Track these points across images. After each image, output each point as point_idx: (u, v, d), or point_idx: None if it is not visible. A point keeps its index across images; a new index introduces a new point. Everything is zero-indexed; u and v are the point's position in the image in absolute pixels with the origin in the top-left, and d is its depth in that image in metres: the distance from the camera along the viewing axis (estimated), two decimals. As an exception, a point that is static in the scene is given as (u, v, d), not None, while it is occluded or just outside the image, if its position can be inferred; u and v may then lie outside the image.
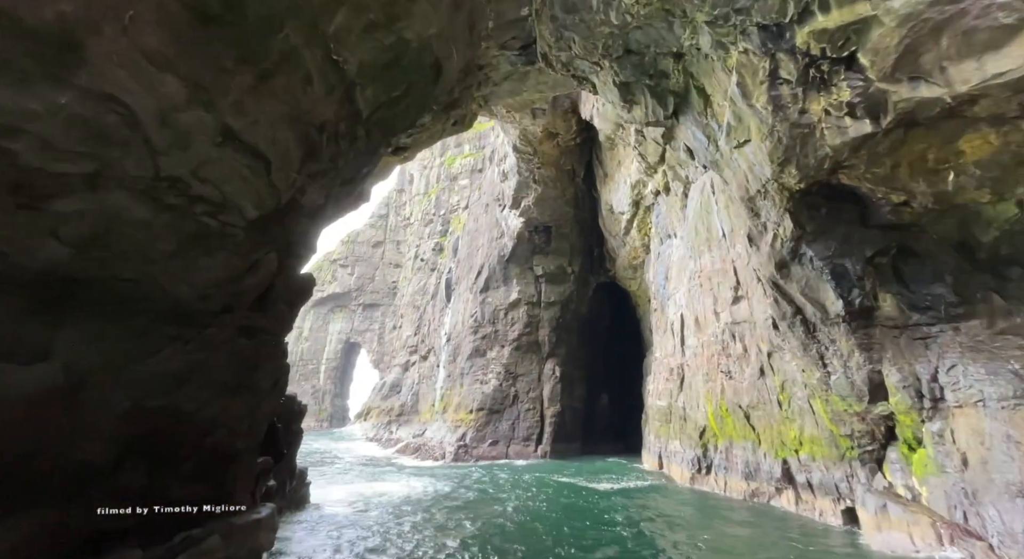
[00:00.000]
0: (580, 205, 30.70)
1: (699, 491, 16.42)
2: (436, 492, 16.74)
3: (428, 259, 57.99)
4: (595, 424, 31.01)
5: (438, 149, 65.24)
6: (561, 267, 31.84)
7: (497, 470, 22.77)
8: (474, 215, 37.97)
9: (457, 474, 21.69)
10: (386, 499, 15.40)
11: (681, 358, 18.74)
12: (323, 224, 10.97)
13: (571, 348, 31.55)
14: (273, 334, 7.62)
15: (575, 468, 23.71)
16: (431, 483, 18.68)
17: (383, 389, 51.69)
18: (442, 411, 35.71)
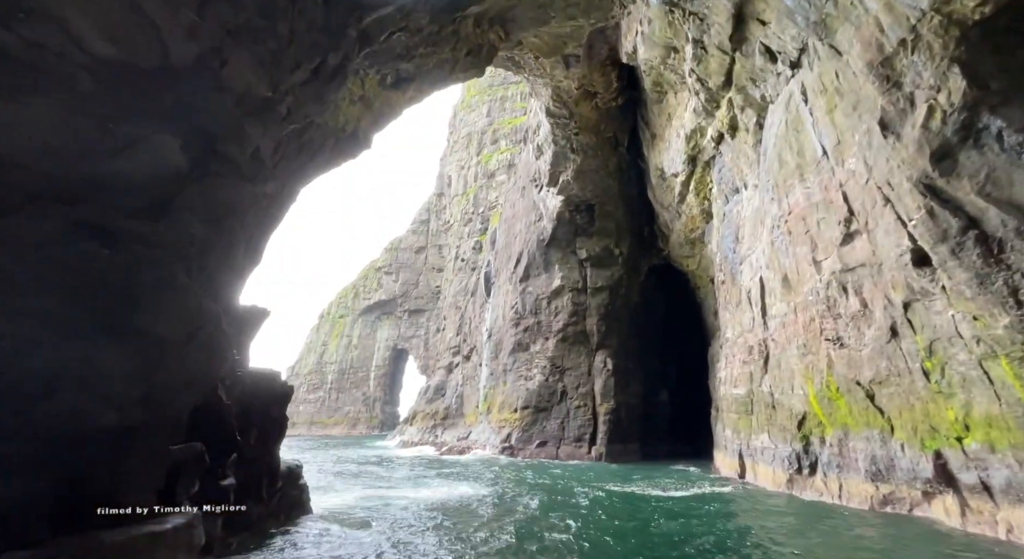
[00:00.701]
0: (625, 178, 27.28)
1: (801, 499, 12.62)
2: (468, 500, 13.83)
3: (468, 259, 55.91)
4: (654, 423, 27.13)
5: (475, 148, 63.51)
6: (607, 249, 28.47)
7: (546, 471, 19.63)
8: (510, 201, 35.27)
9: (500, 476, 18.71)
10: (407, 511, 12.66)
11: (763, 332, 15.01)
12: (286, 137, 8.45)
13: (623, 338, 27.98)
14: (169, 252, 5.01)
15: (637, 473, 20.14)
16: (468, 488, 15.80)
17: (428, 393, 49.61)
18: (486, 412, 32.92)
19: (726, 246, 18.18)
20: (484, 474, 19.42)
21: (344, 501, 13.50)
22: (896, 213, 8.73)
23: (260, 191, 8.05)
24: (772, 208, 13.22)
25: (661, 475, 19.04)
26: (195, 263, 5.26)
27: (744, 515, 11.85)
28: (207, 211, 5.41)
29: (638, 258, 28.91)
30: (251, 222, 8.13)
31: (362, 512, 11.71)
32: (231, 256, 6.76)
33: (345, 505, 12.83)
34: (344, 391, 78.99)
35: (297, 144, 9.45)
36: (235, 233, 6.30)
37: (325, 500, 13.34)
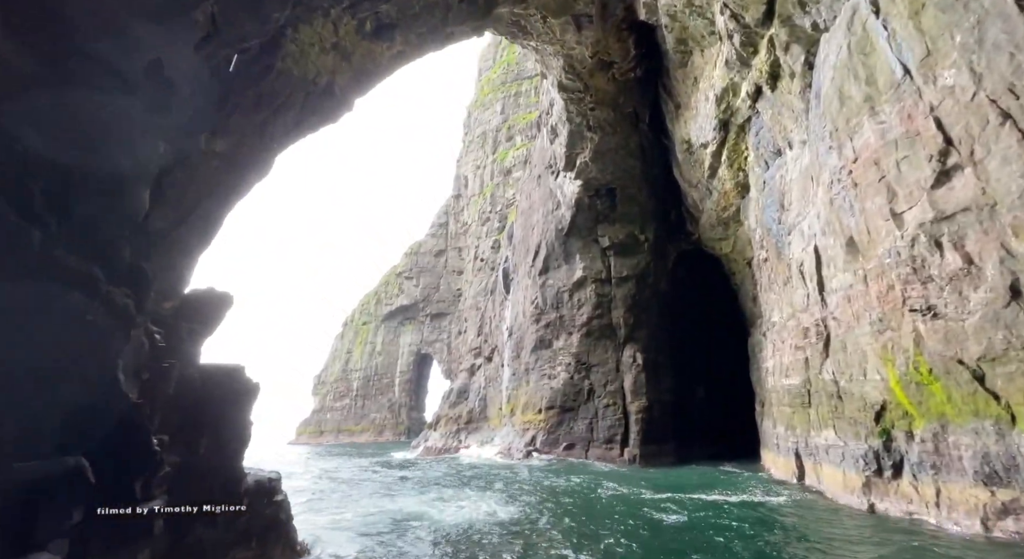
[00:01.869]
0: (648, 158, 25.12)
1: (886, 512, 10.30)
2: (494, 523, 11.97)
3: (487, 258, 54.29)
4: (691, 422, 24.71)
5: (490, 146, 62.08)
6: (632, 235, 26.31)
7: (576, 476, 17.58)
8: (525, 191, 33.44)
9: (527, 485, 16.75)
10: (421, 542, 10.87)
11: (820, 311, 12.72)
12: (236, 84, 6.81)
13: (652, 331, 25.72)
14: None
15: (676, 477, 17.92)
16: (493, 504, 13.91)
17: (450, 396, 47.98)
18: (509, 414, 31.02)
19: (768, 218, 15.90)
20: (509, 484, 17.51)
21: (343, 520, 11.78)
22: (1020, 131, 6.54)
23: (195, 146, 6.42)
24: (830, 159, 11.00)
25: (706, 480, 16.76)
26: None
27: (827, 535, 9.64)
28: (65, 127, 3.77)
29: (665, 244, 26.66)
30: (188, 182, 6.51)
31: (360, 542, 9.93)
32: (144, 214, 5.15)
33: (342, 527, 11.10)
34: (370, 398, 78.24)
35: (254, 94, 7.83)
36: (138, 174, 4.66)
37: (319, 519, 11.66)
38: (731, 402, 24.50)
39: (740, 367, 23.91)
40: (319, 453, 52.26)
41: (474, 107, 68.78)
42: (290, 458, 45.98)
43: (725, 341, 25.33)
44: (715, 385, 25.87)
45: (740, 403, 23.62)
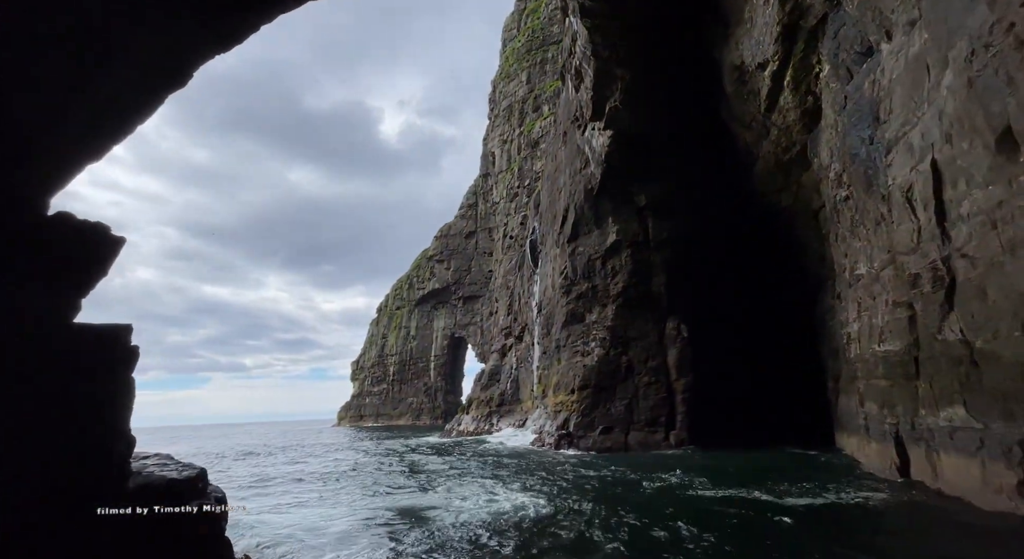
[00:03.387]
0: (689, 98, 21.49)
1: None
2: (520, 528, 9.45)
3: (516, 235, 51.53)
4: (744, 400, 21.35)
5: (516, 119, 58.81)
6: (672, 192, 22.88)
7: (614, 467, 14.83)
8: (551, 153, 30.34)
9: (555, 474, 14.16)
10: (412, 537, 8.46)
11: (939, 248, 9.31)
12: None
13: (699, 299, 22.39)
14: None
15: (735, 466, 14.86)
16: (523, 497, 11.39)
17: (482, 379, 45.96)
18: (541, 395, 28.49)
19: (853, 142, 12.33)
20: (525, 473, 14.95)
21: (331, 523, 9.49)
22: None
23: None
24: (971, 19, 7.56)
25: (774, 470, 13.61)
26: None
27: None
28: None
29: (711, 200, 23.06)
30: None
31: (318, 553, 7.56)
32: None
33: (324, 534, 8.79)
34: (406, 382, 77.78)
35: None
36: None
37: (301, 515, 9.46)
38: (791, 378, 20.97)
39: (802, 339, 20.36)
40: (354, 436, 51.55)
41: (499, 80, 65.48)
42: (327, 440, 45.14)
43: (782, 310, 21.71)
44: (771, 359, 22.30)
45: (802, 379, 20.12)
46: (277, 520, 9.67)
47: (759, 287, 22.96)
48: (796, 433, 19.52)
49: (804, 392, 20.05)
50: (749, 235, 22.98)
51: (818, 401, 19.26)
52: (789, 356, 21.03)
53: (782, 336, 21.61)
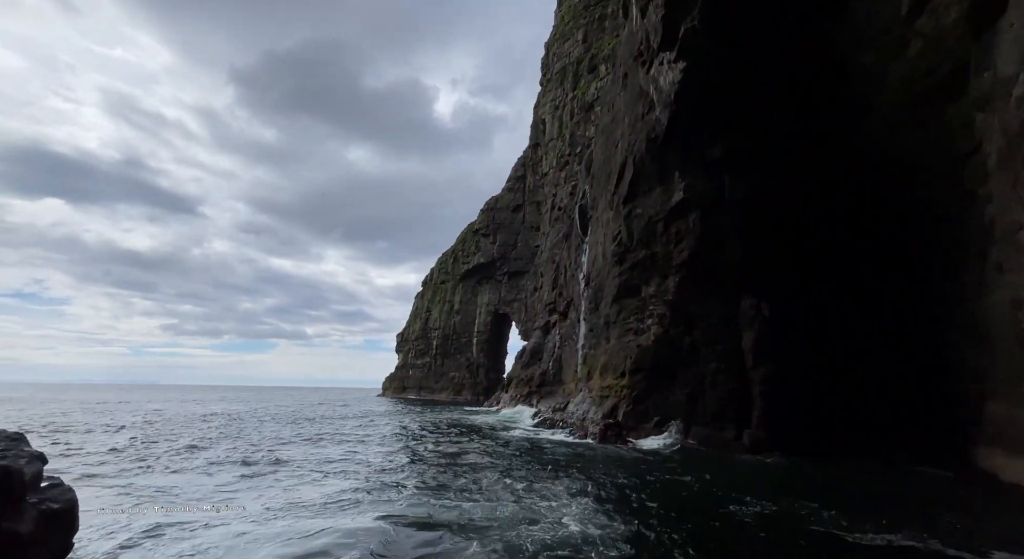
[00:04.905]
0: (787, 15, 16.97)
1: None
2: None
3: (565, 206, 47.84)
4: (840, 398, 17.22)
5: (570, 82, 54.29)
6: (754, 141, 18.56)
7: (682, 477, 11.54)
8: (607, 103, 26.38)
9: (595, 478, 11.12)
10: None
11: None
12: None
13: (784, 273, 18.22)
14: None
15: (852, 488, 11.15)
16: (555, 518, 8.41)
17: (523, 357, 43.30)
18: (585, 377, 25.34)
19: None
20: (540, 478, 11.94)
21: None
22: None
23: None
24: None
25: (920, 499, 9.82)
26: None
27: None
28: None
29: (804, 155, 18.56)
30: None
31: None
32: None
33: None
34: (449, 357, 76.76)
35: None
36: None
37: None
38: (903, 375, 16.59)
39: (921, 325, 15.91)
40: (390, 410, 50.53)
41: (553, 41, 60.85)
42: (376, 408, 43.97)
43: (894, 288, 17.18)
44: (876, 350, 17.89)
45: (918, 376, 15.76)
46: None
47: (863, 260, 18.40)
48: (909, 443, 15.31)
49: (921, 392, 15.72)
50: (852, 197, 18.35)
51: (940, 404, 14.95)
52: (901, 347, 16.64)
53: (892, 321, 17.16)
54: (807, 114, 18.11)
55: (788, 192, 18.57)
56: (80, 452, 14.54)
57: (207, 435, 19.78)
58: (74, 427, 22.26)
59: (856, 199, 18.12)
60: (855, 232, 18.15)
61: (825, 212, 18.54)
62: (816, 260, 18.46)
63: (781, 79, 17.90)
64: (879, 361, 17.10)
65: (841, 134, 17.61)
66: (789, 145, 18.45)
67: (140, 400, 60.84)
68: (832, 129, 17.75)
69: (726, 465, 13.79)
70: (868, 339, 17.49)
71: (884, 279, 17.64)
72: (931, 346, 15.57)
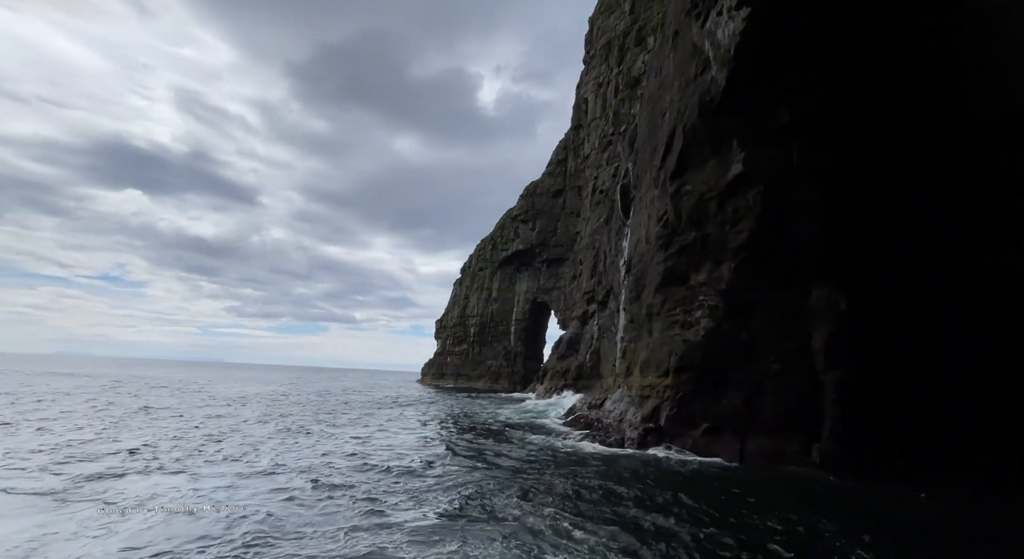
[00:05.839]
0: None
1: None
2: None
3: (607, 189, 45.04)
4: (935, 414, 14.21)
5: (615, 57, 50.84)
6: (830, 103, 15.50)
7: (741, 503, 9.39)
8: (654, 67, 23.59)
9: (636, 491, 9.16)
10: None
11: None
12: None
13: (865, 260, 15.27)
14: None
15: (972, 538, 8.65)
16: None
17: (560, 347, 41.27)
18: (624, 373, 23.12)
19: None
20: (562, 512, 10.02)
21: None
22: None
23: None
24: None
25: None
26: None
27: None
28: None
29: (898, 115, 15.35)
30: None
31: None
32: None
33: None
34: (486, 345, 75.81)
35: None
36: None
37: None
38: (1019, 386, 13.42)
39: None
40: (421, 398, 49.98)
41: (597, 15, 57.34)
42: (408, 393, 43.07)
43: (1004, 283, 13.91)
44: (982, 354, 14.64)
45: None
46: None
47: (965, 247, 15.08)
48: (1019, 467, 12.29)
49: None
50: (953, 171, 15.01)
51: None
52: (1013, 351, 13.46)
53: (1002, 321, 13.94)
54: (901, 70, 14.89)
55: (874, 164, 15.50)
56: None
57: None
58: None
59: (958, 174, 14.84)
60: (956, 213, 14.90)
61: (920, 188, 15.35)
62: (907, 246, 15.36)
63: (861, 30, 14.75)
64: (985, 368, 13.97)
65: (944, 96, 14.35)
66: (876, 108, 15.31)
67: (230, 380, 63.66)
68: (932, 89, 14.50)
69: (787, 482, 11.39)
70: (971, 342, 14.34)
71: (992, 271, 14.39)
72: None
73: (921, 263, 15.14)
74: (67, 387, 36.11)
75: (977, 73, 13.56)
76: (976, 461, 12.98)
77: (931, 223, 15.19)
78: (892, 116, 15.04)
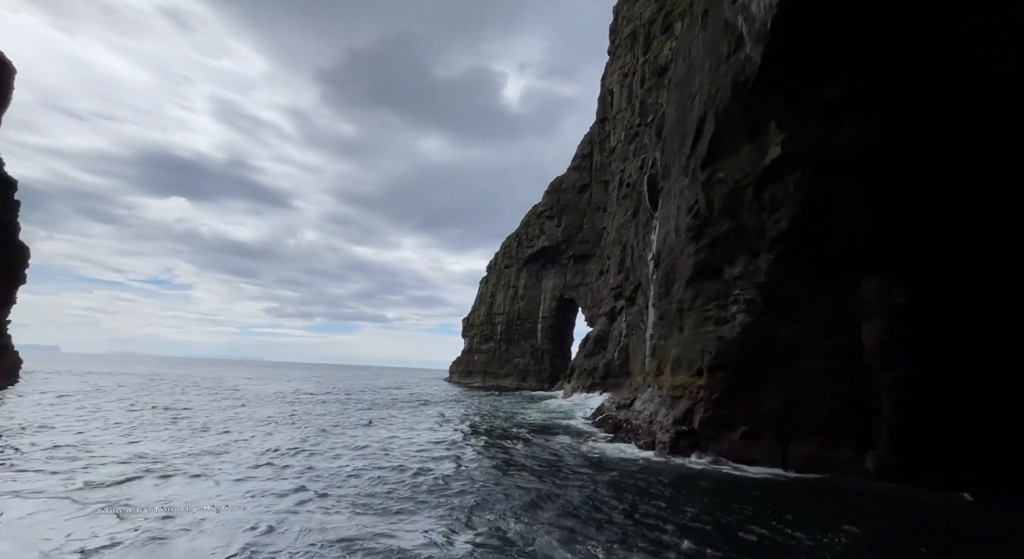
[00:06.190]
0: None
1: None
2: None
3: (634, 182, 43.66)
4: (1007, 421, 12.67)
5: (641, 46, 49.26)
6: (881, 75, 14.08)
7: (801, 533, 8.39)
8: (682, 50, 22.33)
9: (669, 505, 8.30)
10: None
11: None
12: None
13: (925, 249, 13.82)
14: None
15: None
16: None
17: (587, 345, 40.24)
18: (654, 372, 22.04)
19: None
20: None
21: None
22: None
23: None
24: None
25: None
26: None
27: None
28: None
29: (963, 88, 13.79)
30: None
31: None
32: None
33: None
34: (513, 343, 75.26)
35: None
36: None
37: None
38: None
39: None
40: (447, 397, 49.79)
41: (622, 4, 55.73)
42: (441, 393, 42.62)
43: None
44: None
45: None
46: None
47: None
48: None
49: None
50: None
51: None
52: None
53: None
54: (976, 33, 13.33)
55: (935, 141, 13.99)
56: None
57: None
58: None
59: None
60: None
61: (988, 169, 13.76)
62: (968, 233, 13.82)
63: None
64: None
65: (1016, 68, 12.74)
66: (937, 80, 13.79)
67: (271, 378, 65.48)
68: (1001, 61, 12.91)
69: (841, 495, 10.23)
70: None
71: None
72: None
73: (984, 253, 13.58)
74: (121, 383, 37.49)
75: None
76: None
77: (996, 210, 13.60)
78: (962, 88, 13.51)
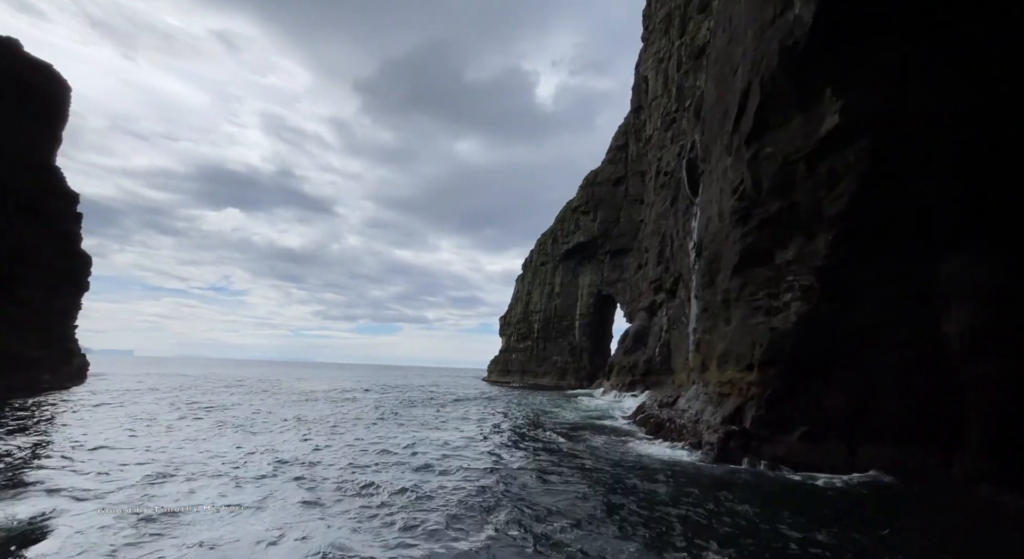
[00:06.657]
0: None
1: None
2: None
3: (672, 171, 41.71)
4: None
5: (676, 29, 47.14)
6: (957, 31, 12.26)
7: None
8: (721, 21, 20.68)
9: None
10: None
11: None
12: None
13: (1014, 222, 11.92)
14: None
15: None
16: None
17: (626, 341, 38.71)
18: (699, 368, 20.60)
19: None
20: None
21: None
22: None
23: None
24: None
25: None
26: None
27: None
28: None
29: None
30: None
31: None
32: None
33: None
34: (550, 341, 74.14)
35: None
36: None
37: None
38: None
39: None
40: (481, 395, 49.28)
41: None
42: (474, 391, 41.74)
43: None
44: None
45: None
46: None
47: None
48: None
49: None
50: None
51: None
52: None
53: None
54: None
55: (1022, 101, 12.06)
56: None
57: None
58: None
59: None
60: None
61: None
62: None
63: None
64: None
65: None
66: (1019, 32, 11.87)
67: (323, 377, 67.77)
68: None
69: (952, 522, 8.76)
70: None
71: None
72: None
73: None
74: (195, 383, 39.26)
75: None
76: None
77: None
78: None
